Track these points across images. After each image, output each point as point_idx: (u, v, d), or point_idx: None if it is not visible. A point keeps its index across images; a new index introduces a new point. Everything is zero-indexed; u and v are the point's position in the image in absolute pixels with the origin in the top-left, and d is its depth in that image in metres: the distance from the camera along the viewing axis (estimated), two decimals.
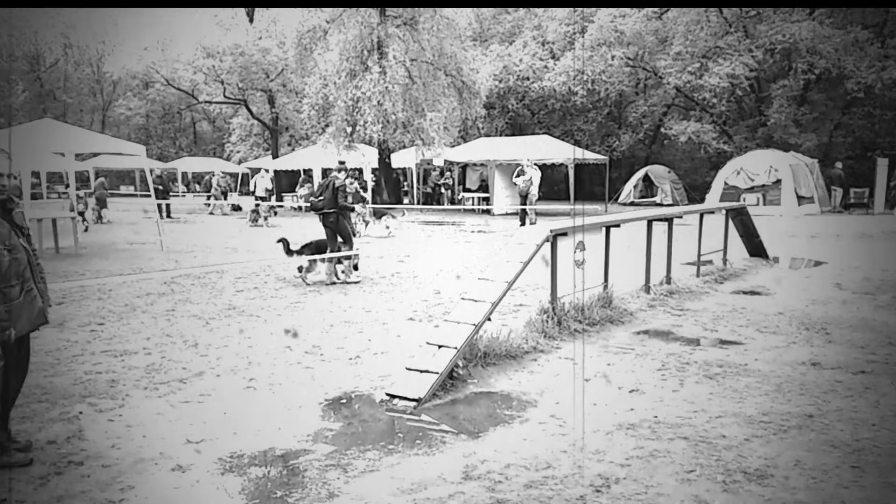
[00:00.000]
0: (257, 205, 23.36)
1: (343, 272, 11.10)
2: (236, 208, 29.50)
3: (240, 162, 41.96)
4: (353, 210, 11.62)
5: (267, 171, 29.89)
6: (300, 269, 10.96)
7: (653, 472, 4.08)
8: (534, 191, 20.68)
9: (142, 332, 7.64)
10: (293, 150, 38.19)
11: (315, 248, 11.00)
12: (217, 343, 7.19)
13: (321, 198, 10.90)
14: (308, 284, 10.71)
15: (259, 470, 4.23)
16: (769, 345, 7.01)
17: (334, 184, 10.85)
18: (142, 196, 35.66)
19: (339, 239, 11.02)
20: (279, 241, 11.18)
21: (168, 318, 8.37)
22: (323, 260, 10.88)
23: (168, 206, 26.12)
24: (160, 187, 26.21)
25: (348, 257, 11.05)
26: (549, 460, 4.27)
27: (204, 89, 40.35)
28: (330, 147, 25.96)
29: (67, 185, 23.72)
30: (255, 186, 27.14)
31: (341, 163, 11.77)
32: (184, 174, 45.21)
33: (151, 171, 27.85)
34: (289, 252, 11.00)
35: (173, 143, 55.94)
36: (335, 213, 10.87)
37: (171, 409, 5.26)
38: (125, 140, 31.05)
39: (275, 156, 36.36)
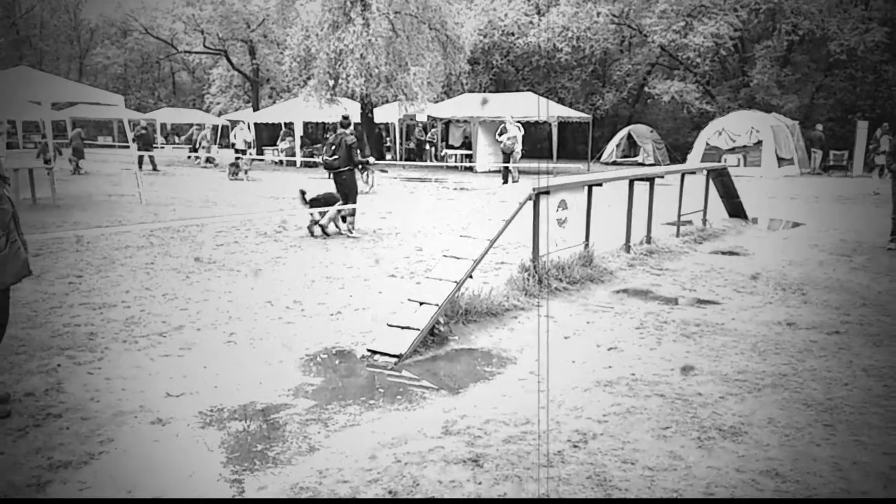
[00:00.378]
0: (237, 158, 23.07)
1: (349, 227, 11.28)
2: (210, 161, 29.03)
3: (220, 114, 41.38)
4: (368, 165, 11.77)
5: (245, 123, 29.40)
6: (312, 221, 11.14)
7: (629, 428, 4.15)
8: (518, 148, 20.60)
9: (121, 285, 7.59)
10: (274, 102, 37.67)
11: (324, 201, 11.13)
12: (197, 297, 7.16)
13: (335, 157, 11.03)
14: (315, 237, 10.88)
15: (239, 424, 4.25)
16: (746, 304, 7.10)
17: (346, 141, 10.96)
18: (120, 147, 35.10)
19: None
20: (300, 191, 11.35)
21: (147, 272, 8.31)
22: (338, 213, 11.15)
23: (152, 158, 25.73)
24: (144, 138, 25.86)
25: (353, 213, 11.26)
26: (528, 416, 4.32)
27: (183, 38, 39.61)
28: (311, 100, 25.60)
29: (44, 135, 23.25)
30: (234, 139, 26.80)
31: (345, 118, 11.61)
32: (163, 125, 44.49)
33: (137, 122, 27.44)
34: (304, 202, 11.15)
35: (152, 93, 54.96)
36: (349, 170, 11.06)
37: (151, 362, 5.25)
38: (103, 89, 30.46)
39: (255, 108, 35.86)
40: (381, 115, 29.56)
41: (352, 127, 11.55)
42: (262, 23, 34.23)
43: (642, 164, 27.48)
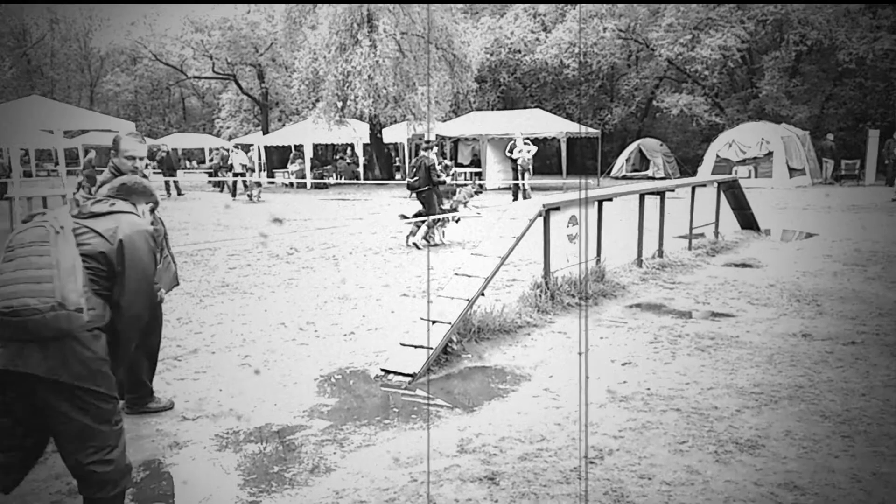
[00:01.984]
0: (234, 181, 23.65)
1: (440, 236, 12.47)
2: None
3: (230, 138, 41.71)
4: (443, 184, 13.17)
5: (238, 146, 29.30)
6: (409, 234, 12.27)
7: (646, 443, 4.13)
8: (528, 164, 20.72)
9: None
10: (283, 125, 37.97)
11: (419, 217, 12.33)
12: (211, 320, 7.20)
13: (416, 178, 12.20)
14: (416, 247, 11.80)
15: (255, 446, 4.26)
16: (760, 317, 7.07)
17: (425, 163, 12.12)
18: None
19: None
20: (400, 215, 13.12)
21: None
22: (421, 224, 12.14)
23: (176, 183, 25.88)
24: (167, 162, 26.11)
25: (443, 223, 12.48)
26: (543, 433, 4.31)
27: (193, 64, 40.02)
28: (321, 122, 25.82)
29: (56, 163, 23.55)
30: (230, 162, 27.05)
31: (427, 142, 13.09)
32: (174, 150, 44.87)
33: (159, 148, 27.69)
34: (403, 217, 12.76)
35: (162, 119, 55.55)
36: (428, 189, 12.15)
37: (167, 386, 5.28)
38: (114, 116, 30.79)
39: (265, 131, 36.15)
40: (390, 135, 29.74)
41: (434, 150, 13.19)
42: (270, 47, 34.59)
43: (653, 178, 27.46)
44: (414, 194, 12.50)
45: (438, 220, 12.28)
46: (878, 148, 24.83)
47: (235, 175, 24.45)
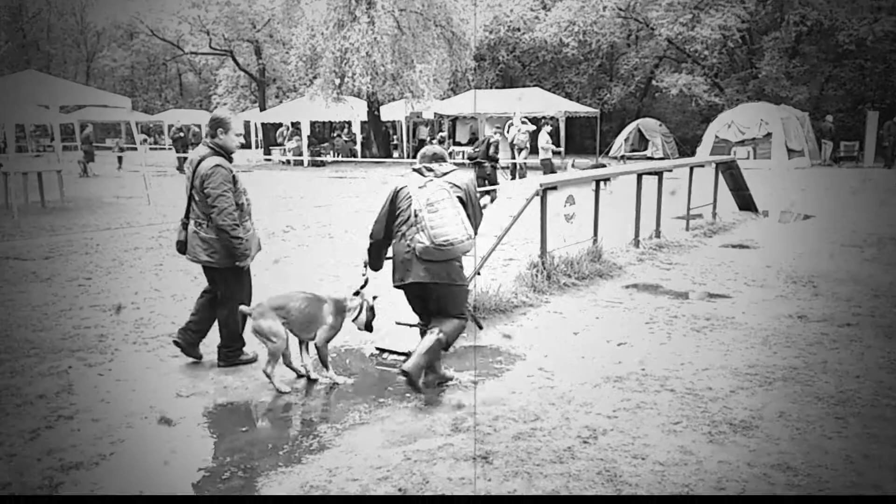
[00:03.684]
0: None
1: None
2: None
3: None
4: (496, 161, 15.59)
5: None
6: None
7: (639, 423, 4.13)
8: (527, 143, 20.64)
9: (130, 287, 7.62)
10: (281, 102, 37.71)
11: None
12: None
13: (477, 150, 15.15)
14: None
15: (250, 423, 4.25)
16: (756, 298, 7.06)
17: (489, 140, 15.16)
18: (128, 149, 35.25)
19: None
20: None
21: (156, 273, 8.34)
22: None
23: (183, 160, 25.60)
24: (183, 140, 25.99)
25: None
26: (536, 412, 4.31)
27: (189, 40, 39.63)
28: (318, 99, 25.64)
29: (52, 139, 23.38)
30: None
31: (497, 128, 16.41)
32: (170, 126, 44.60)
33: (172, 125, 27.47)
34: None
35: (159, 95, 55.07)
36: (487, 164, 14.98)
37: (161, 363, 5.27)
38: (110, 92, 30.57)
39: (262, 108, 35.90)
40: (388, 112, 29.56)
41: (505, 129, 15.84)
42: (268, 23, 34.23)
43: (651, 158, 27.36)
44: (474, 165, 15.24)
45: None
46: (876, 130, 24.72)
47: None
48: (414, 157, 28.75)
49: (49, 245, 10.02)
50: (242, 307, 4.80)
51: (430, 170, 4.76)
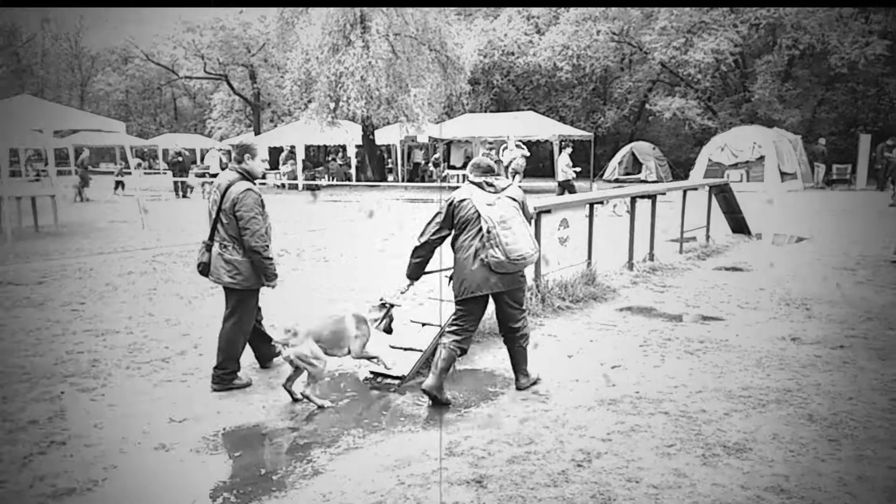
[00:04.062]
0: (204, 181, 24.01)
1: None
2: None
3: (221, 139, 41.60)
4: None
5: (220, 149, 29.38)
6: None
7: (633, 446, 4.13)
8: (524, 166, 20.76)
9: (123, 312, 7.60)
10: (276, 126, 37.88)
11: None
12: (199, 322, 7.17)
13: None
14: None
15: (243, 448, 4.24)
16: (750, 320, 7.08)
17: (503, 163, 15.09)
18: (123, 173, 35.28)
19: None
20: None
21: (150, 298, 8.33)
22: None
23: (185, 184, 25.53)
24: (181, 165, 26.09)
25: None
26: (531, 436, 4.30)
27: (184, 64, 39.92)
28: (313, 123, 25.76)
29: (46, 163, 23.44)
30: (208, 163, 27.03)
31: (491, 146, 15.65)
32: (165, 151, 44.73)
33: (171, 148, 27.56)
34: None
35: (154, 119, 55.31)
36: None
37: (154, 388, 5.25)
38: (105, 116, 30.60)
39: (257, 132, 36.09)
40: (383, 136, 29.71)
41: (499, 151, 14.87)
42: (263, 47, 34.54)
43: (645, 181, 27.50)
44: None
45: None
46: (869, 152, 24.95)
47: (212, 175, 24.77)
48: (409, 180, 29.06)
49: (42, 270, 10.01)
50: (277, 338, 4.95)
51: (491, 185, 5.02)
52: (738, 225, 13.16)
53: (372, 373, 5.52)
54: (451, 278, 5.25)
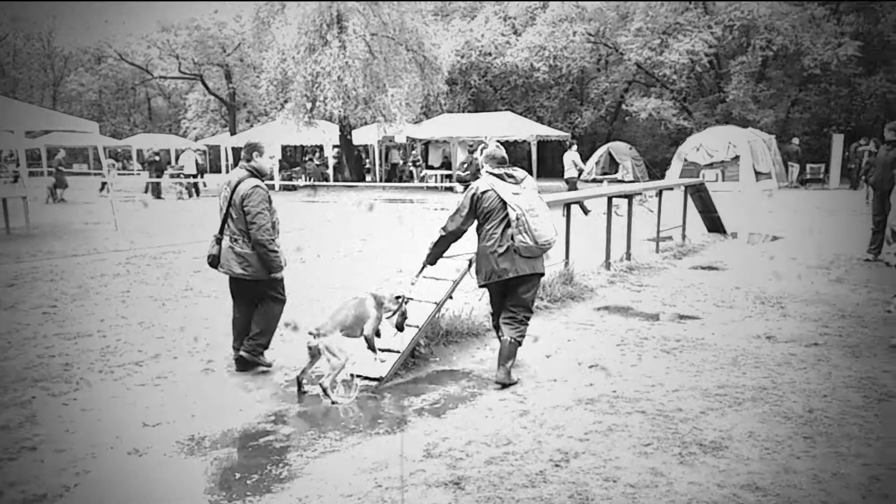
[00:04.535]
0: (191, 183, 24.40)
1: None
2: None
3: (196, 139, 41.22)
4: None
5: (197, 149, 29.22)
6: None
7: (611, 446, 4.13)
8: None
9: (96, 315, 7.49)
10: (252, 126, 37.62)
11: None
12: (174, 325, 7.08)
13: (467, 172, 15.30)
14: None
15: (218, 452, 4.18)
16: (726, 319, 7.14)
17: (476, 163, 14.69)
18: (95, 174, 34.86)
19: None
20: None
21: (123, 300, 8.22)
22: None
23: (158, 185, 25.33)
24: (157, 165, 25.96)
25: None
26: (509, 436, 4.29)
27: (158, 64, 39.52)
28: (289, 123, 25.61)
29: (18, 164, 23.07)
30: (183, 163, 26.88)
31: (472, 145, 15.39)
32: (139, 151, 44.23)
33: (149, 150, 27.30)
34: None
35: (127, 119, 54.69)
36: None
37: (127, 392, 5.18)
38: (77, 117, 30.19)
39: (233, 132, 35.79)
40: (360, 136, 29.61)
41: (479, 151, 15.80)
42: (238, 47, 34.27)
43: (622, 181, 27.65)
44: (463, 186, 15.00)
45: None
46: (842, 152, 25.29)
47: (186, 176, 24.74)
48: (388, 180, 28.97)
49: (13, 272, 9.85)
50: (310, 329, 5.13)
51: (511, 176, 5.37)
52: (714, 224, 13.27)
53: (350, 374, 5.48)
54: (469, 263, 5.92)
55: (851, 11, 30.13)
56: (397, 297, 5.51)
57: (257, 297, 5.64)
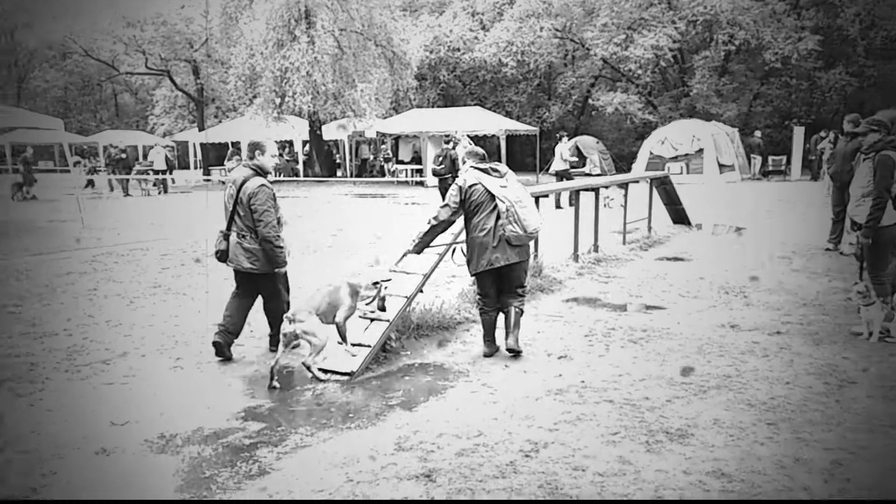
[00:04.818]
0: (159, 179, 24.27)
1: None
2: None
3: (164, 135, 40.65)
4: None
5: (166, 146, 29.01)
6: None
7: (580, 435, 4.19)
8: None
9: (62, 313, 7.39)
10: (220, 122, 37.21)
11: None
12: (141, 322, 7.02)
13: (442, 165, 15.03)
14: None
15: (187, 450, 4.16)
16: (691, 309, 7.26)
17: (451, 155, 14.76)
18: (61, 171, 34.24)
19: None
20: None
21: (90, 299, 8.12)
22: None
23: (127, 182, 24.95)
24: (124, 162, 25.62)
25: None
26: (480, 428, 4.33)
27: (125, 60, 38.92)
28: (258, 119, 25.41)
29: None
30: (153, 159, 26.61)
31: (448, 137, 15.86)
32: (105, 148, 43.46)
33: (114, 146, 26.89)
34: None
35: (94, 115, 53.68)
36: (452, 176, 14.25)
37: (94, 391, 5.13)
38: (43, 114, 29.69)
39: (201, 128, 35.37)
40: (330, 132, 29.46)
41: (452, 144, 15.43)
42: (206, 42, 33.85)
43: (589, 175, 27.84)
44: (438, 180, 15.48)
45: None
46: (802, 144, 25.74)
47: (156, 172, 24.55)
48: (358, 175, 28.78)
49: None
50: (286, 315, 5.35)
51: (496, 170, 5.74)
52: (679, 216, 13.45)
53: (321, 370, 5.48)
54: (451, 249, 6.34)
55: (811, 6, 30.64)
56: (374, 284, 5.66)
57: (262, 292, 5.93)
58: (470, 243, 5.78)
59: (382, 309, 5.73)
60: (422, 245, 6.00)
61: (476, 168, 5.75)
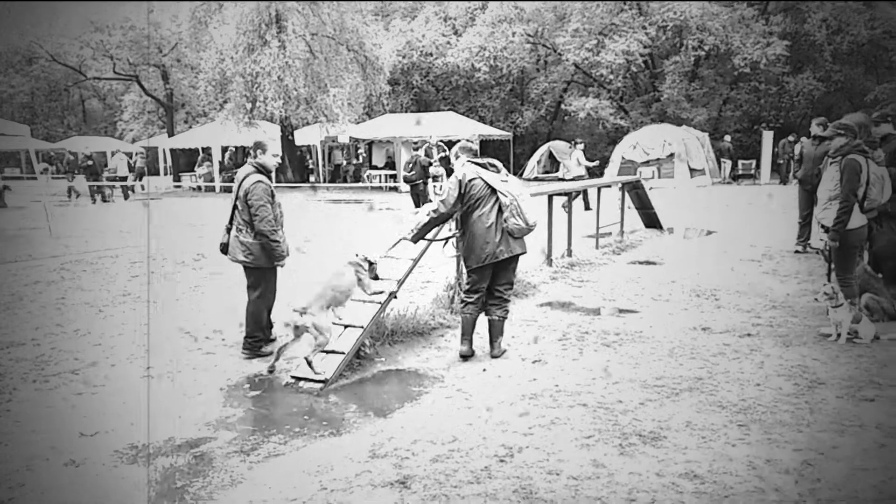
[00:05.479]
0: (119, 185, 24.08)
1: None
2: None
3: (133, 140, 40.18)
4: (437, 178, 16.69)
5: (126, 153, 28.75)
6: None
7: (554, 439, 4.21)
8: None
9: (30, 322, 7.26)
10: (190, 127, 36.86)
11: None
12: (111, 331, 6.92)
13: (412, 172, 15.06)
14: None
15: (159, 461, 4.11)
16: (663, 312, 7.32)
17: (420, 162, 15.09)
18: (28, 178, 33.69)
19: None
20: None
21: (58, 308, 7.99)
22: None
23: (102, 189, 24.62)
24: (91, 169, 25.29)
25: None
26: (455, 434, 4.33)
27: (92, 65, 38.39)
28: (229, 124, 25.20)
29: None
30: (114, 165, 26.33)
31: (417, 145, 16.52)
32: (74, 154, 42.84)
33: (81, 152, 26.53)
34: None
35: (61, 121, 52.85)
36: (423, 182, 15.17)
37: (63, 401, 5.04)
38: (8, 120, 29.13)
39: (170, 133, 35.02)
40: (303, 137, 29.31)
41: (423, 151, 15.89)
42: (175, 47, 33.56)
43: (563, 180, 27.98)
44: (409, 186, 15.55)
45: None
46: (771, 148, 26.13)
47: (121, 179, 24.33)
48: (332, 181, 28.56)
49: None
50: (295, 307, 5.41)
51: (493, 165, 5.86)
52: (651, 220, 13.57)
53: (294, 377, 5.44)
54: (445, 244, 6.48)
55: (779, 12, 31.11)
56: (370, 262, 5.97)
57: (251, 287, 6.11)
58: (470, 237, 5.79)
59: (375, 278, 5.96)
60: (419, 235, 6.09)
61: (474, 163, 5.84)
